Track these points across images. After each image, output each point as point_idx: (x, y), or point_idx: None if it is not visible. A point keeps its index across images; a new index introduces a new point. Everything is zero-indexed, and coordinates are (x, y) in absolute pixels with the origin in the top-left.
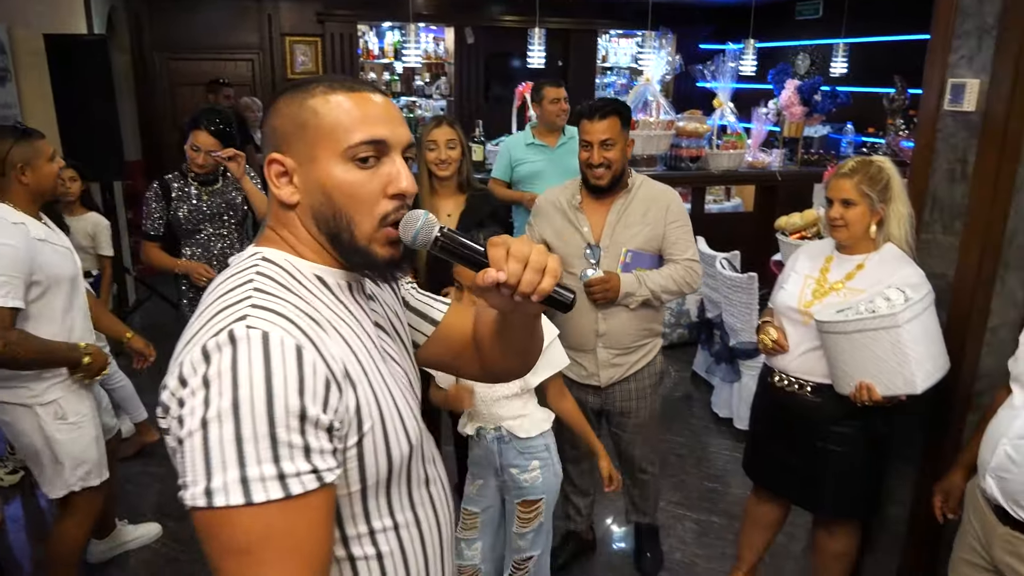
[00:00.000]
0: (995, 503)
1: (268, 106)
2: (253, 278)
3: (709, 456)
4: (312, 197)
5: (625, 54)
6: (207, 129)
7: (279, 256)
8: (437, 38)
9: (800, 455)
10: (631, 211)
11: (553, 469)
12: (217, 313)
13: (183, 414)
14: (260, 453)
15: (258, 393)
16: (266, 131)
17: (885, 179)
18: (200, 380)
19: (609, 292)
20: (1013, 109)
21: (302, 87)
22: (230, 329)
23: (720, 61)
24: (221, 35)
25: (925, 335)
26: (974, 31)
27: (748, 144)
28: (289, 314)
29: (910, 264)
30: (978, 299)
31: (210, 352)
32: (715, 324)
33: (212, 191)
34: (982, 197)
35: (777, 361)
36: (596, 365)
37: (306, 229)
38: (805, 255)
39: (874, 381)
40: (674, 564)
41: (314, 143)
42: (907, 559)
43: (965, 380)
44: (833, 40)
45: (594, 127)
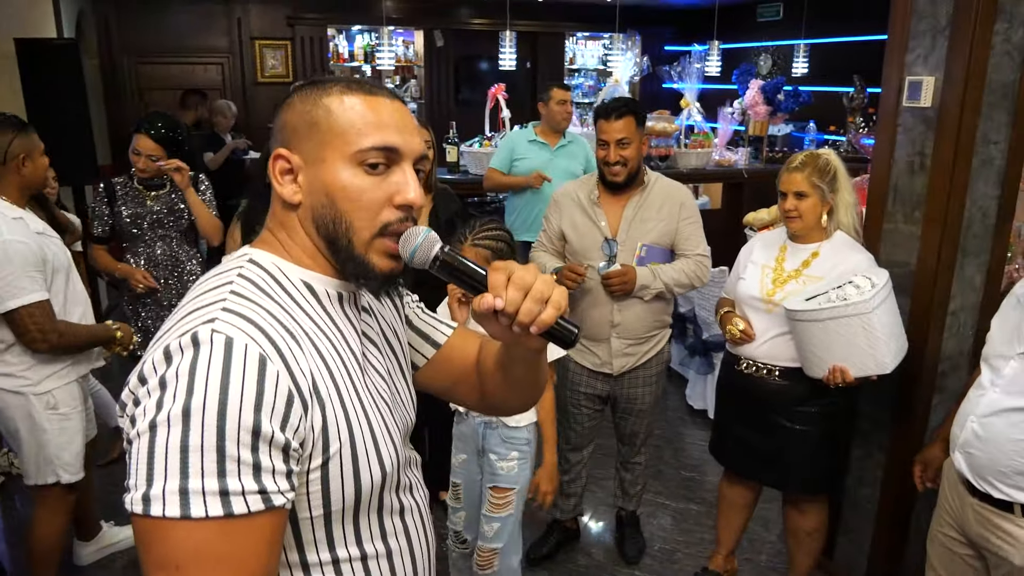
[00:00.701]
0: (963, 477)
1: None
2: (233, 280)
3: (685, 447)
4: (315, 198)
5: (592, 56)
6: (148, 134)
7: (267, 259)
8: (407, 41)
9: (768, 437)
10: (647, 207)
11: (531, 465)
12: (189, 313)
13: (136, 413)
14: (205, 466)
15: (211, 402)
16: (276, 125)
17: (832, 171)
18: (157, 381)
19: (627, 284)
20: (966, 104)
21: (319, 84)
22: (195, 331)
23: (686, 62)
24: (190, 39)
25: (890, 317)
26: (928, 31)
27: (715, 143)
28: (261, 321)
29: (860, 250)
30: (939, 285)
31: (172, 353)
32: (688, 319)
33: (157, 196)
34: (939, 187)
35: (743, 349)
36: (609, 354)
37: (304, 232)
38: (759, 245)
39: (847, 364)
40: (655, 551)
41: (324, 143)
42: (878, 538)
43: (928, 363)
44: (794, 41)
45: (611, 126)
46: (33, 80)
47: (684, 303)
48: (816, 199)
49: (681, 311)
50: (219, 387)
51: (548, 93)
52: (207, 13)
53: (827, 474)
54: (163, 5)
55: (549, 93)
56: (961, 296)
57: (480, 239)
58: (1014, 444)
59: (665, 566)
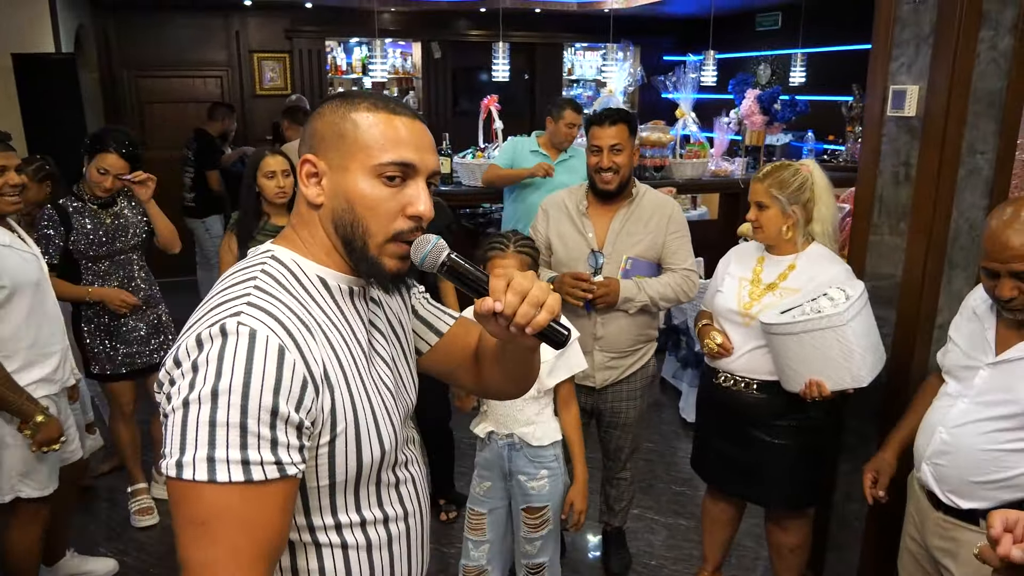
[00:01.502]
0: (928, 490)
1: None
2: (257, 276)
3: (677, 460)
4: (336, 202)
5: (591, 67)
6: (117, 152)
7: (287, 256)
8: (405, 53)
9: (747, 451)
10: (634, 219)
11: (561, 479)
12: (218, 305)
13: (171, 392)
14: (230, 439)
15: (236, 385)
16: (307, 131)
17: (798, 182)
18: (190, 364)
19: (609, 297)
20: (951, 113)
21: (349, 98)
22: (223, 323)
23: (681, 72)
24: (189, 52)
25: (866, 330)
26: (912, 39)
27: (711, 153)
28: (280, 316)
29: (838, 262)
30: (925, 297)
31: (203, 341)
32: (682, 331)
33: (112, 213)
34: (925, 198)
35: (721, 362)
36: (592, 367)
37: (324, 231)
38: (735, 257)
39: (823, 377)
40: (641, 566)
41: (349, 153)
42: (866, 554)
43: (915, 377)
44: (793, 50)
45: (604, 132)
46: (30, 95)
47: (677, 315)
48: (776, 210)
49: (675, 323)
50: (243, 372)
51: (561, 112)
52: (206, 27)
53: (808, 489)
54: (162, 19)
55: (562, 112)
56: (948, 309)
57: (521, 246)
58: (986, 454)
59: None
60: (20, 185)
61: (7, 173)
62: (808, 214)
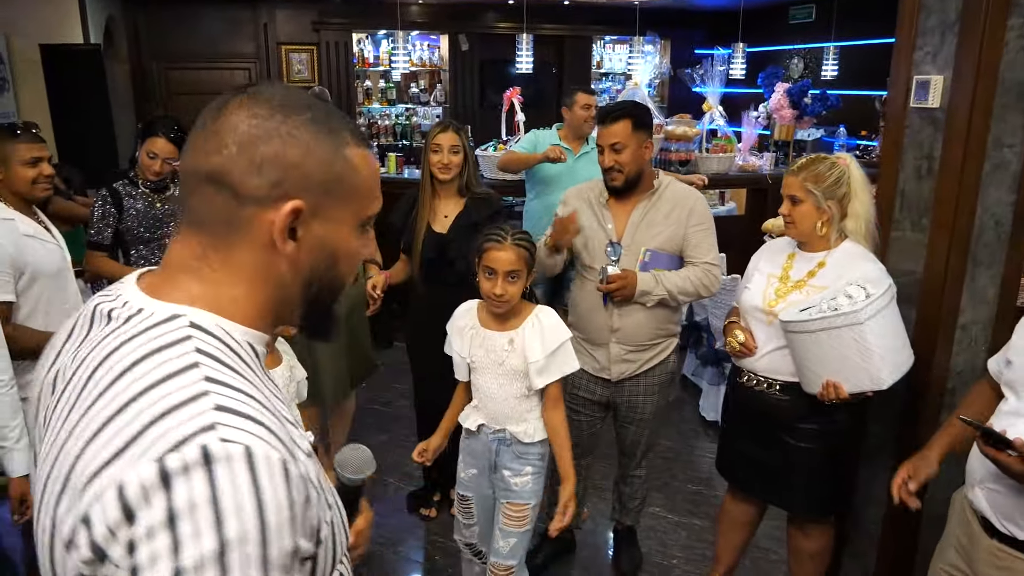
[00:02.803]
0: (982, 515)
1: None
2: (198, 361)
3: (695, 459)
4: (315, 257)
5: (620, 60)
6: (166, 136)
7: (209, 321)
8: (432, 45)
9: (770, 453)
10: (655, 212)
11: (543, 480)
12: (164, 414)
13: (138, 563)
14: None
15: (252, 533)
16: (271, 156)
17: (834, 177)
18: (163, 515)
19: (626, 290)
20: (976, 104)
21: (331, 129)
22: (202, 444)
23: (708, 65)
24: (218, 44)
25: (888, 330)
26: (937, 27)
27: (738, 148)
28: (256, 414)
29: (870, 260)
30: (948, 296)
31: (172, 474)
32: (703, 327)
33: (165, 198)
34: (948, 193)
35: (745, 361)
36: (608, 359)
37: (278, 290)
38: (767, 254)
39: (840, 379)
40: (653, 566)
41: (345, 203)
42: (883, 559)
43: (936, 379)
44: (827, 43)
45: (606, 131)
46: (58, 85)
47: (699, 311)
48: (811, 206)
49: (696, 319)
50: (255, 511)
51: (572, 97)
52: (235, 19)
53: (831, 496)
54: (191, 11)
55: (573, 98)
56: (972, 309)
57: (518, 240)
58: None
59: None
60: (51, 175)
61: (41, 164)
62: (843, 210)
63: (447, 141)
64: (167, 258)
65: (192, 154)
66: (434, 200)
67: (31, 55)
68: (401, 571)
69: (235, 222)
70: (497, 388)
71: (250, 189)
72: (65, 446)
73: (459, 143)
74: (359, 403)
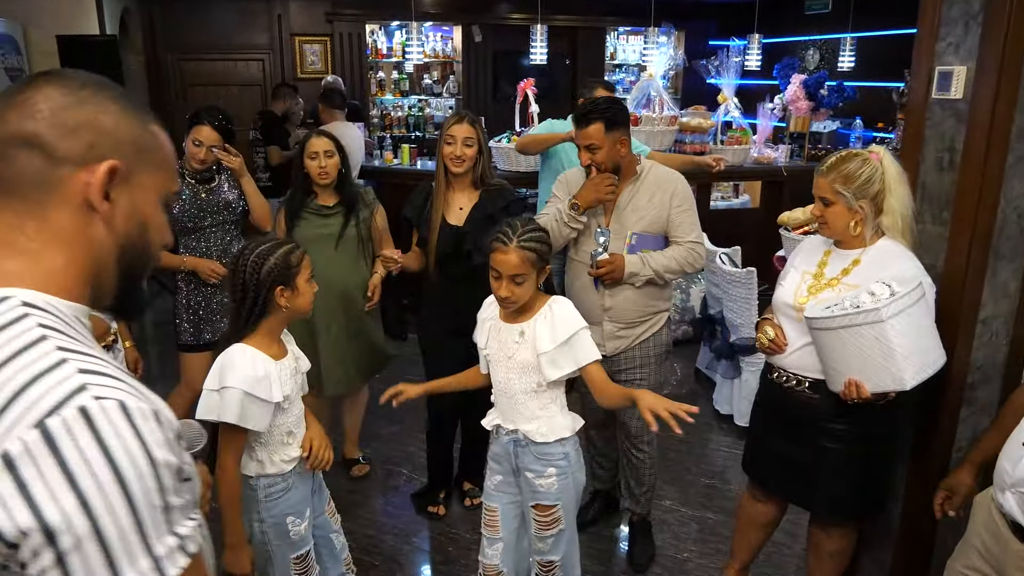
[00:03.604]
0: (1012, 519)
1: (80, 95)
2: (45, 334)
3: (708, 453)
4: (128, 225)
5: (634, 51)
6: (210, 124)
7: (37, 298)
8: (445, 36)
9: (799, 451)
10: (639, 196)
11: (572, 478)
12: (28, 384)
13: (51, 526)
14: (159, 528)
15: (145, 470)
16: (83, 123)
17: (865, 175)
18: (59, 474)
19: (615, 273)
20: (1000, 96)
21: (135, 105)
22: (79, 405)
23: (724, 56)
24: (232, 36)
25: (913, 330)
26: (960, 17)
27: (753, 140)
28: (117, 373)
29: (907, 258)
30: (968, 290)
31: (56, 436)
32: (717, 320)
33: (209, 189)
34: (970, 186)
35: (775, 358)
36: (602, 337)
37: (96, 258)
38: (803, 250)
39: (862, 377)
40: (667, 559)
41: (153, 172)
42: (900, 555)
43: (956, 374)
44: (843, 34)
45: (581, 132)
46: None
47: (713, 304)
48: (842, 207)
49: (710, 312)
50: (143, 454)
51: (592, 92)
52: (248, 10)
53: (856, 500)
54: (206, 3)
55: (593, 92)
56: (993, 303)
57: (525, 240)
58: None
59: (675, 574)
60: None
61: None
62: (878, 207)
63: (461, 133)
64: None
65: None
66: (448, 192)
67: (47, 46)
68: (414, 562)
69: (50, 183)
70: (508, 382)
71: (65, 150)
72: None
73: (474, 135)
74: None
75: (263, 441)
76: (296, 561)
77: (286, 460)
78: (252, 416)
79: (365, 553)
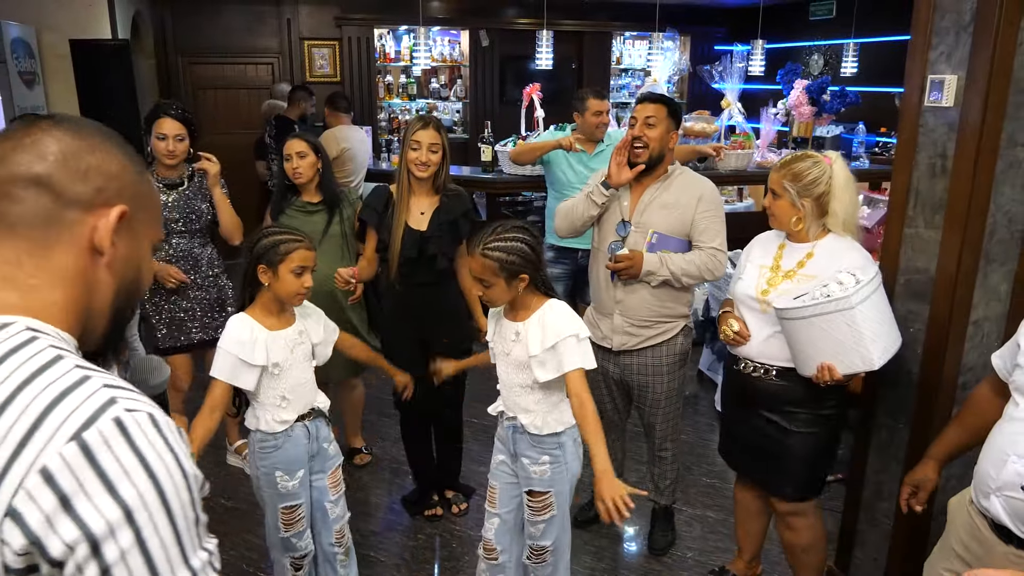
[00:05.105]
0: (998, 522)
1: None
2: (60, 354)
3: (709, 453)
4: (125, 266)
5: (639, 56)
6: (169, 115)
7: (39, 324)
8: (453, 41)
9: (765, 439)
10: (665, 196)
11: (566, 466)
12: (57, 400)
13: (94, 535)
14: (193, 541)
15: (179, 479)
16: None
17: (812, 176)
18: (99, 484)
19: (632, 269)
20: (990, 104)
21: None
22: (113, 417)
23: (727, 61)
24: (242, 39)
25: (878, 314)
26: (952, 27)
27: (756, 144)
28: (132, 387)
29: (856, 249)
30: (960, 292)
31: (94, 448)
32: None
33: (177, 194)
34: (961, 191)
35: (740, 349)
36: (611, 329)
37: (91, 300)
38: (758, 245)
39: (835, 361)
40: (668, 557)
41: (149, 219)
42: (894, 552)
43: (948, 374)
44: (846, 40)
45: (643, 107)
46: (87, 79)
47: (715, 307)
48: (786, 202)
49: (712, 315)
50: (175, 462)
51: (584, 103)
52: (258, 14)
53: (816, 478)
54: (216, 7)
55: (585, 103)
56: (984, 305)
57: (491, 248)
58: None
59: (676, 571)
60: None
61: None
62: (822, 208)
63: (427, 139)
64: None
65: (3, 164)
66: (410, 197)
67: (61, 50)
68: (419, 558)
69: (56, 224)
70: (506, 375)
71: (75, 193)
72: None
73: (439, 141)
74: (374, 393)
75: (260, 400)
76: (284, 511)
77: (278, 421)
78: (240, 376)
79: (371, 549)
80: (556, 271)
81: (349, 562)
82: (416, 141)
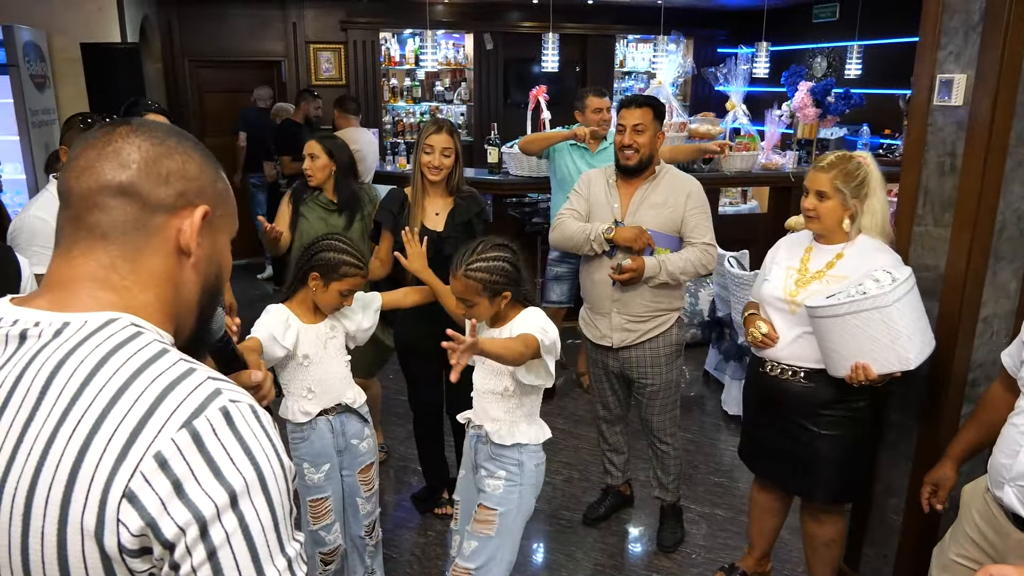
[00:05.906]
0: (1014, 512)
1: (175, 144)
2: (166, 348)
3: (717, 452)
4: (209, 267)
5: (643, 59)
6: (150, 111)
7: (140, 321)
8: (457, 44)
9: (794, 442)
10: (654, 195)
11: (520, 492)
12: (168, 390)
13: (205, 515)
14: (288, 530)
15: (276, 466)
16: (175, 171)
17: (862, 176)
18: (207, 470)
19: (636, 275)
20: (999, 103)
21: (210, 154)
22: (220, 407)
23: (732, 64)
24: (247, 43)
25: (913, 312)
26: (961, 27)
27: (761, 146)
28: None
29: (886, 251)
30: (969, 290)
31: (203, 436)
32: (725, 322)
33: None
34: (970, 189)
35: (768, 351)
36: (610, 327)
37: (180, 297)
38: (785, 246)
39: (869, 360)
40: (677, 555)
41: (227, 217)
42: (903, 549)
43: (958, 371)
44: (850, 42)
45: (630, 113)
46: (97, 82)
47: (721, 307)
48: (837, 202)
49: (719, 315)
50: (274, 451)
51: (584, 101)
52: (264, 18)
53: (852, 483)
54: (222, 10)
55: (585, 101)
56: (994, 303)
57: (473, 268)
58: None
59: (684, 569)
60: None
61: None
62: (863, 207)
63: (440, 143)
64: (58, 275)
65: (90, 173)
66: (424, 198)
67: (71, 53)
68: (429, 555)
69: (144, 230)
70: (481, 380)
71: (159, 198)
72: (47, 458)
73: (452, 145)
74: (389, 394)
75: (290, 390)
76: (312, 503)
77: (302, 412)
78: (270, 348)
79: (384, 547)
80: (560, 270)
81: (376, 553)
82: (429, 145)
